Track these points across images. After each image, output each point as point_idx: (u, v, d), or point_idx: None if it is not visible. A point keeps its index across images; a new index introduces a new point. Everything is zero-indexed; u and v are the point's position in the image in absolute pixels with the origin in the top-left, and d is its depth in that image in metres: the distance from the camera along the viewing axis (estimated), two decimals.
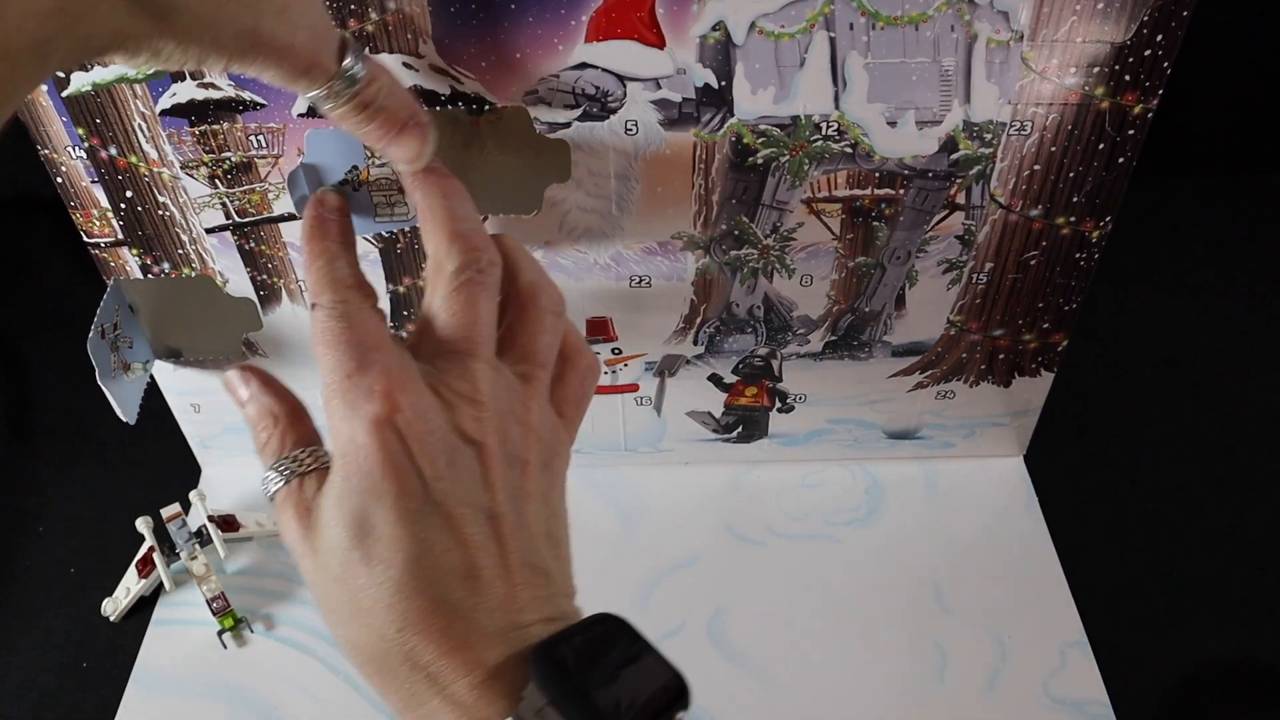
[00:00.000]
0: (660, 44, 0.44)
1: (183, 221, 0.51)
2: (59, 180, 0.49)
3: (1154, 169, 0.62)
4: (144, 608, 0.58)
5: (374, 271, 0.53)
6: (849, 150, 0.47)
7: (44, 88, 0.45)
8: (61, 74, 0.45)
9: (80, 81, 0.45)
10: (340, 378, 0.33)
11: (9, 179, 0.82)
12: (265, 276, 0.53)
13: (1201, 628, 0.56)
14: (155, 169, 0.48)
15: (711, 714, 0.53)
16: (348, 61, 0.35)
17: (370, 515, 0.32)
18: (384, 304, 0.54)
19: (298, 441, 0.36)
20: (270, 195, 0.49)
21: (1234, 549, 0.60)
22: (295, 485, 0.34)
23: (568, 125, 0.46)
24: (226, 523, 0.60)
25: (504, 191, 0.51)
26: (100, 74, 0.45)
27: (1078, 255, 0.52)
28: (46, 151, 0.48)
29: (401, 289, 0.54)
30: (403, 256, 0.52)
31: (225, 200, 0.50)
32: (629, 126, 0.46)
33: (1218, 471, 0.64)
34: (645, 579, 0.59)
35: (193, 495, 0.61)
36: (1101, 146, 0.47)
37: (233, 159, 0.48)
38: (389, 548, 0.32)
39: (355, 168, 0.47)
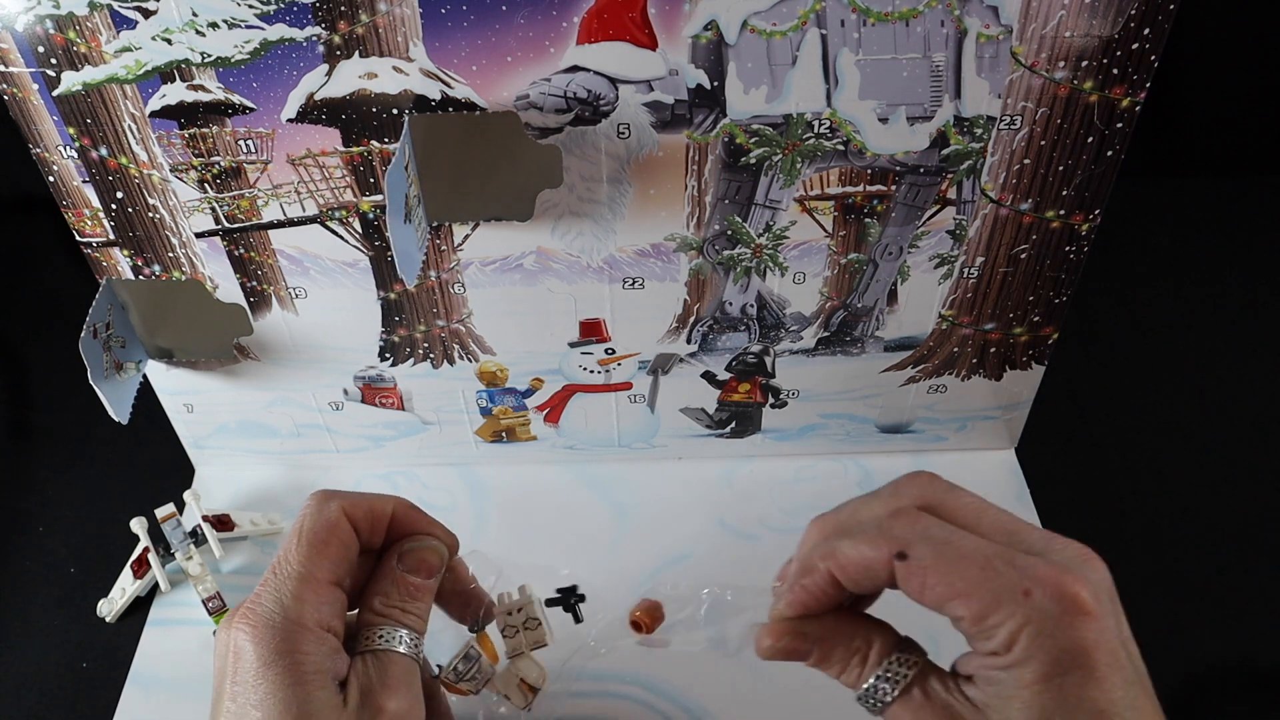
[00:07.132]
0: (652, 45, 0.43)
1: (173, 224, 0.50)
2: (50, 179, 0.49)
3: (1144, 167, 0.62)
4: (140, 608, 0.58)
5: (364, 279, 0.53)
6: (841, 147, 0.47)
7: (35, 86, 0.45)
8: (52, 72, 0.44)
9: (71, 81, 0.45)
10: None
11: (8, 179, 0.82)
12: (255, 283, 0.53)
13: (1193, 619, 0.57)
14: (145, 171, 0.48)
15: (706, 707, 0.53)
16: None
17: None
18: (374, 309, 0.54)
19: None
20: (259, 202, 0.49)
21: (1223, 540, 0.60)
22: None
23: (559, 130, 0.46)
24: (221, 522, 0.60)
25: (495, 198, 0.51)
26: (90, 73, 0.44)
27: (1068, 248, 0.52)
28: (39, 150, 0.47)
29: (393, 295, 0.54)
30: (393, 265, 0.52)
31: (214, 205, 0.49)
32: (621, 130, 0.46)
33: (1207, 463, 0.65)
34: (639, 574, 0.59)
35: (187, 495, 0.61)
36: (1090, 140, 0.47)
37: (222, 163, 0.48)
38: None
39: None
